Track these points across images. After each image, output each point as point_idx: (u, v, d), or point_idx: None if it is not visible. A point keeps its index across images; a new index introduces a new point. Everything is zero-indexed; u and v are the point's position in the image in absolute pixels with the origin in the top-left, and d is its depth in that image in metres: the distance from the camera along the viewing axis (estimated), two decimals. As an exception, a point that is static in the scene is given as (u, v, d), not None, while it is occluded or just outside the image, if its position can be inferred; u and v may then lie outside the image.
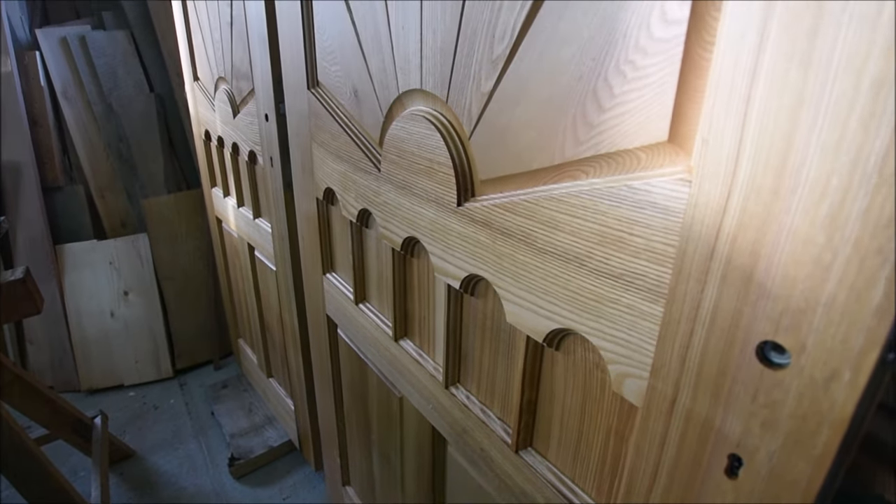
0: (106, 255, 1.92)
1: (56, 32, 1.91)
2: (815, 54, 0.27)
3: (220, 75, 1.29)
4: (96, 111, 1.94)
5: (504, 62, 0.47)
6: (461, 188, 0.56)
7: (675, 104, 0.35)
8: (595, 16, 0.38)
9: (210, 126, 1.44)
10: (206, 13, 1.26)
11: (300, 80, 0.86)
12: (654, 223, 0.37)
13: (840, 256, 0.28)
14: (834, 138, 0.27)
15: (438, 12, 0.53)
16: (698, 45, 0.33)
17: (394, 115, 0.65)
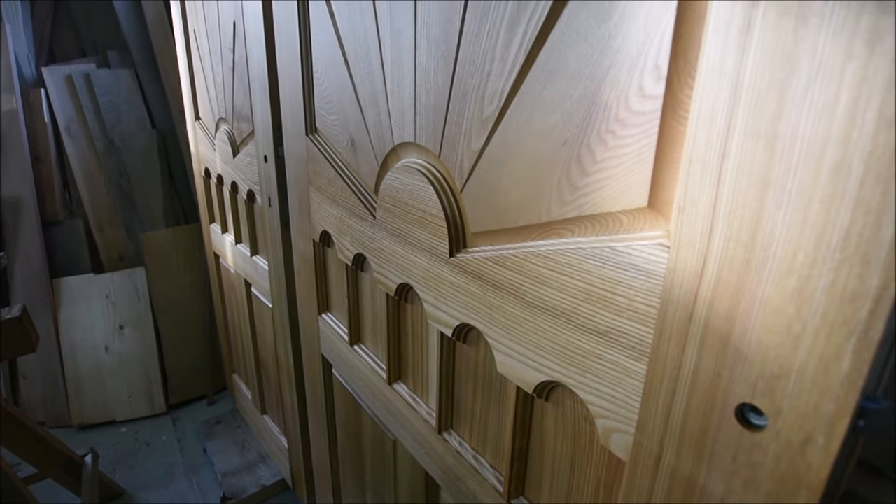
0: (103, 288, 1.92)
1: (62, 71, 1.95)
2: (778, 139, 0.29)
3: (221, 116, 1.32)
4: (98, 146, 1.97)
5: (493, 123, 0.49)
6: (453, 239, 0.57)
7: (654, 172, 0.37)
8: (577, 87, 0.40)
9: (210, 164, 1.47)
10: (210, 57, 1.30)
11: (299, 126, 0.89)
12: (636, 284, 0.39)
13: (809, 327, 0.30)
14: (798, 218, 0.29)
15: (431, 73, 0.56)
16: (674, 119, 0.35)
17: (389, 166, 0.67)
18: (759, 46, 0.29)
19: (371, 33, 0.65)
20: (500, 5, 0.46)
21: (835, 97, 0.27)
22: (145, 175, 1.99)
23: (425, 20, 0.55)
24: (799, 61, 0.28)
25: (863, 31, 0.25)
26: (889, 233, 0.26)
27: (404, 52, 0.60)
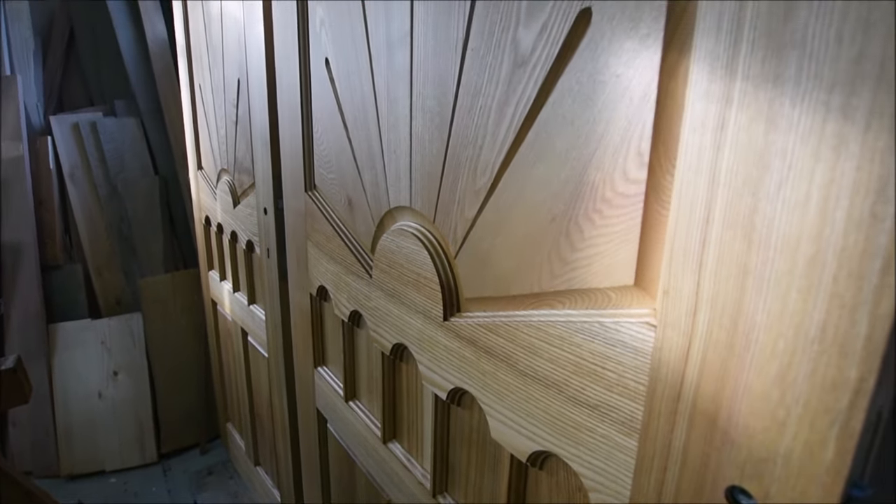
0: (99, 334, 1.91)
1: (69, 119, 2.00)
2: (755, 231, 0.30)
3: (223, 167, 1.35)
4: (101, 192, 2.00)
5: (485, 194, 0.51)
6: (447, 303, 0.58)
7: (640, 252, 0.38)
8: (565, 167, 0.42)
9: (211, 213, 1.49)
10: (214, 110, 1.34)
11: (298, 182, 0.91)
12: (625, 361, 0.39)
13: (792, 414, 0.30)
14: (778, 307, 0.30)
15: (426, 142, 0.58)
16: (657, 203, 0.37)
17: (385, 227, 0.69)
18: (733, 145, 0.31)
19: (369, 100, 0.67)
20: (491, 86, 0.48)
21: (806, 196, 0.28)
22: (146, 220, 2.01)
23: (420, 92, 0.58)
24: (771, 161, 0.29)
25: (828, 136, 0.27)
26: (863, 328, 0.27)
27: (400, 120, 0.62)
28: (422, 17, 0.55)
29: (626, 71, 0.37)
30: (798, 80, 0.28)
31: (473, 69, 0.50)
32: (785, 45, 0.28)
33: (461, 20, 0.50)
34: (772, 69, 0.29)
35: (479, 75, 0.49)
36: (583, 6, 0.39)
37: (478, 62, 0.49)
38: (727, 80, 0.30)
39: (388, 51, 0.62)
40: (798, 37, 0.27)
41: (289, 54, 0.86)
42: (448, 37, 0.52)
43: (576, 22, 0.39)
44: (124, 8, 2.02)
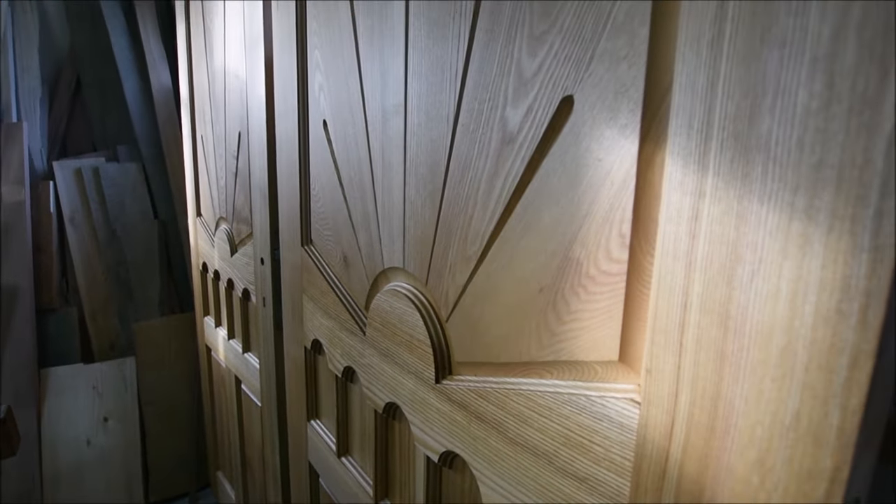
0: (90, 379, 1.89)
1: (71, 164, 2.03)
2: (730, 319, 0.32)
3: (221, 215, 1.37)
4: (100, 236, 2.01)
5: (476, 262, 0.52)
6: (439, 366, 0.59)
7: (623, 329, 0.39)
8: (551, 241, 0.44)
9: (208, 259, 1.50)
10: (214, 161, 1.37)
11: (295, 236, 0.93)
12: (611, 435, 0.40)
13: (773, 500, 0.31)
14: (754, 393, 0.31)
15: (419, 207, 0.60)
16: (639, 283, 0.38)
17: (379, 286, 0.70)
18: (707, 235, 0.32)
19: (364, 163, 0.69)
20: (481, 160, 0.50)
21: (776, 288, 0.29)
22: (144, 264, 2.02)
23: (414, 160, 0.60)
24: (743, 253, 0.31)
25: (794, 235, 0.28)
26: (835, 420, 0.28)
27: (395, 185, 0.64)
28: (415, 90, 0.58)
29: (607, 156, 0.38)
30: (764, 180, 0.29)
31: (464, 142, 0.52)
32: (751, 147, 0.30)
33: (452, 97, 0.53)
34: (740, 168, 0.30)
35: (469, 149, 0.51)
36: (565, 94, 0.41)
37: (468, 136, 0.51)
38: (700, 175, 0.32)
39: (383, 118, 0.64)
40: (763, 141, 0.29)
41: (288, 113, 0.89)
42: (440, 111, 0.54)
43: (559, 107, 0.42)
44: (131, 58, 2.09)
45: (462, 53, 0.51)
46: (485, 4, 0.48)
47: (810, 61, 0.27)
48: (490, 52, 0.48)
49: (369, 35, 0.66)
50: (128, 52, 2.09)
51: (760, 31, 0.29)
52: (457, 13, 0.51)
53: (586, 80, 0.39)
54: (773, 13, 0.28)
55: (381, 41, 0.63)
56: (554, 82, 0.42)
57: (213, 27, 1.29)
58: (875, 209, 0.25)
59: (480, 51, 0.49)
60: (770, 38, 0.28)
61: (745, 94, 0.30)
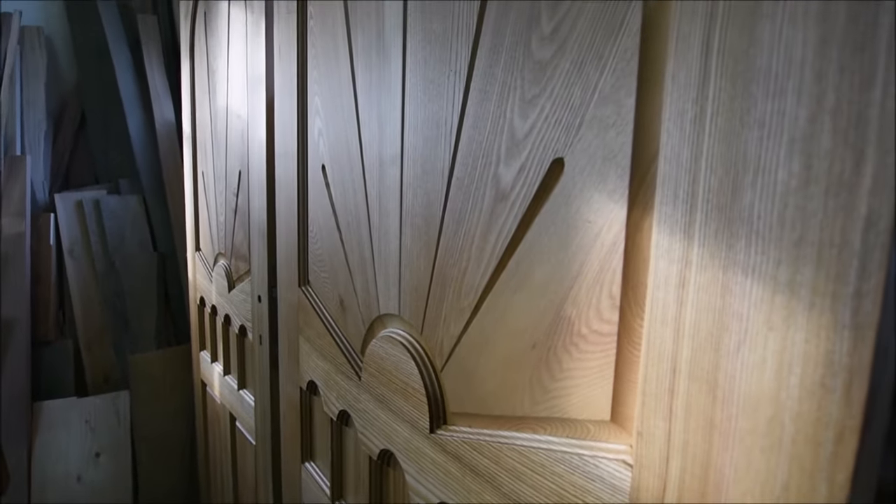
0: (83, 413, 1.87)
1: (73, 197, 2.05)
2: (719, 388, 0.32)
3: (220, 251, 1.38)
4: (98, 268, 2.02)
5: (470, 314, 0.52)
6: (434, 415, 0.59)
7: (615, 390, 0.39)
8: (543, 299, 0.44)
9: (206, 294, 1.50)
10: (214, 197, 1.38)
11: (292, 275, 0.93)
12: (604, 497, 0.40)
13: (765, 573, 0.30)
14: (743, 463, 0.31)
15: (414, 256, 0.60)
16: (629, 344, 0.38)
17: (375, 332, 0.70)
18: (694, 303, 0.33)
19: (362, 209, 0.70)
20: (474, 214, 0.51)
21: (762, 358, 0.30)
22: (142, 296, 2.02)
23: (409, 209, 0.61)
24: (729, 322, 0.31)
25: (778, 307, 0.29)
26: (823, 493, 0.28)
27: (391, 232, 0.65)
28: (411, 142, 0.59)
29: (596, 219, 0.39)
30: (748, 252, 0.30)
31: (459, 196, 0.53)
32: (734, 219, 0.31)
33: (447, 151, 0.54)
34: (724, 239, 0.31)
35: (463, 203, 0.52)
36: (556, 156, 0.42)
37: (462, 191, 0.52)
38: (686, 244, 0.33)
39: (380, 167, 0.66)
40: (745, 214, 0.30)
41: (288, 155, 0.91)
42: (435, 165, 0.56)
43: (550, 168, 0.43)
44: (135, 92, 2.12)
45: (457, 110, 0.52)
46: (478, 66, 0.49)
47: (788, 142, 0.28)
48: (484, 111, 0.49)
49: (367, 86, 0.67)
50: (132, 87, 2.13)
51: (740, 112, 0.30)
52: (451, 72, 0.53)
53: (576, 145, 0.40)
54: (751, 96, 0.29)
55: (379, 93, 0.65)
56: (545, 144, 0.43)
57: (216, 67, 1.32)
58: (854, 289, 0.26)
59: (474, 109, 0.50)
60: (749, 120, 0.30)
61: (727, 169, 0.31)
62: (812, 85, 0.27)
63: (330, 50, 0.76)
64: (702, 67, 0.32)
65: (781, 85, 0.28)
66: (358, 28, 0.69)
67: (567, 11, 0.40)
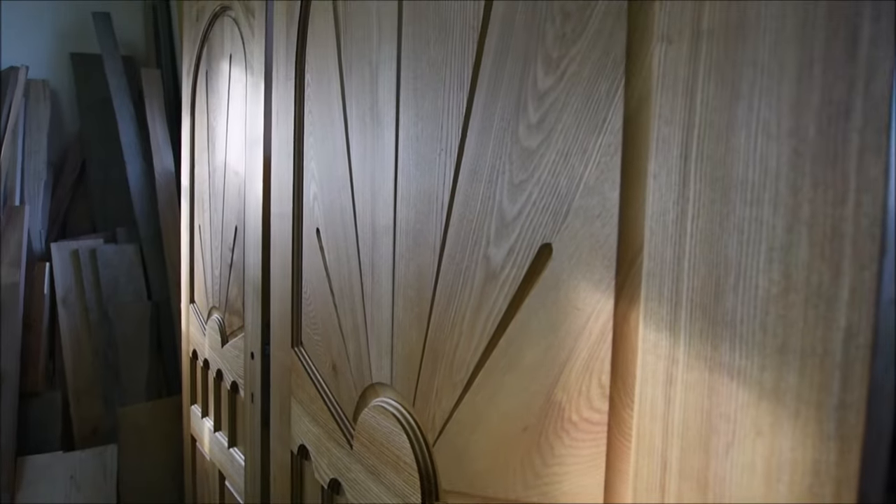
0: (69, 468, 1.82)
1: (69, 246, 2.05)
2: (710, 489, 0.31)
3: (214, 304, 1.37)
4: (91, 318, 2.00)
5: (462, 390, 0.52)
6: (426, 492, 0.57)
7: (607, 480, 0.39)
8: (534, 382, 0.44)
9: (199, 347, 1.49)
10: (210, 251, 1.39)
11: (286, 335, 0.93)
12: None
13: None
14: (737, 571, 0.30)
15: (406, 327, 0.60)
16: (620, 435, 0.38)
17: (367, 400, 0.69)
18: (682, 402, 0.33)
19: (355, 276, 0.71)
20: (465, 291, 0.51)
21: (752, 462, 0.30)
22: (134, 346, 1.99)
23: (402, 280, 0.61)
24: (718, 423, 0.31)
25: (765, 412, 0.29)
26: None
27: (384, 301, 0.65)
28: (404, 214, 0.60)
29: (585, 307, 0.40)
30: (732, 355, 0.30)
31: (450, 272, 0.53)
32: (718, 322, 0.31)
33: (439, 227, 0.55)
34: (709, 340, 0.31)
35: (455, 278, 0.53)
36: (544, 241, 0.43)
37: (454, 266, 0.53)
38: (672, 341, 0.33)
39: (373, 236, 0.66)
40: (729, 318, 0.30)
41: (284, 216, 0.92)
42: (427, 238, 0.56)
43: (539, 252, 0.43)
44: (136, 143, 2.16)
45: (447, 188, 0.53)
46: (468, 146, 0.51)
47: (767, 250, 0.29)
48: (474, 191, 0.50)
49: (362, 156, 0.69)
50: (133, 138, 2.16)
51: (720, 217, 0.31)
52: (442, 150, 0.54)
53: (564, 232, 0.41)
54: (730, 202, 0.30)
55: (373, 163, 0.66)
56: (533, 228, 0.44)
57: (216, 124, 1.35)
58: (838, 400, 0.26)
59: (465, 188, 0.51)
60: (728, 225, 0.30)
61: (709, 270, 0.31)
62: (787, 197, 0.28)
63: (326, 117, 0.78)
64: (681, 170, 0.33)
65: (758, 195, 0.29)
66: (353, 99, 0.71)
67: (552, 104, 0.42)
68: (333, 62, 0.75)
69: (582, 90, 0.39)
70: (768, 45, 0.28)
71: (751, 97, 0.29)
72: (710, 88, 0.31)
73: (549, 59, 0.42)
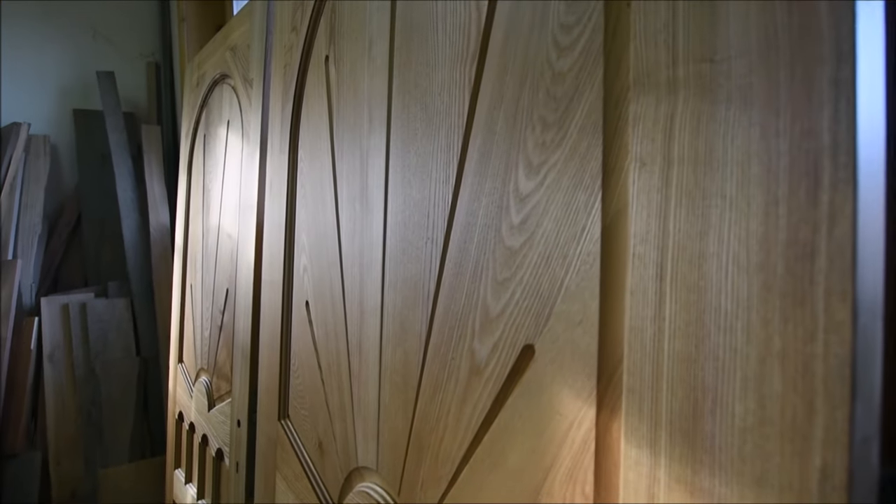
0: (45, 534, 1.75)
1: (59, 300, 2.04)
2: None
3: (202, 366, 1.35)
4: (77, 374, 1.97)
5: (447, 485, 0.51)
6: (409, 590, 0.55)
7: None
8: (519, 483, 0.43)
9: (185, 409, 1.46)
10: (201, 312, 1.38)
11: (273, 407, 0.91)
12: None
13: None
14: None
15: (392, 413, 0.60)
16: (605, 549, 0.37)
17: (353, 483, 0.68)
18: (664, 525, 0.32)
19: (343, 354, 0.70)
20: (451, 383, 0.51)
21: None
22: (119, 404, 1.95)
23: (388, 365, 0.61)
24: (700, 552, 0.30)
25: (747, 545, 0.29)
26: None
27: (370, 384, 0.64)
28: (391, 298, 0.61)
29: (567, 413, 0.39)
30: (713, 483, 0.30)
31: (436, 362, 0.53)
32: (697, 447, 0.31)
33: (425, 315, 0.55)
34: (689, 465, 0.31)
35: (440, 369, 0.52)
36: (527, 342, 0.43)
37: (439, 357, 0.53)
38: (653, 460, 0.33)
39: (361, 316, 0.66)
40: (707, 444, 0.30)
41: (274, 285, 0.92)
42: (413, 326, 0.56)
43: (522, 352, 0.43)
44: (133, 198, 2.18)
45: (433, 278, 0.54)
46: (453, 240, 0.51)
47: (742, 379, 0.29)
48: (459, 283, 0.50)
49: (351, 235, 0.70)
50: (130, 192, 2.18)
51: (695, 340, 0.31)
52: (429, 240, 0.55)
53: (546, 335, 0.41)
54: (704, 326, 0.31)
55: (361, 244, 0.67)
56: (516, 328, 0.44)
57: (211, 187, 1.37)
58: (818, 542, 0.26)
59: (450, 280, 0.52)
60: (704, 349, 0.31)
61: (686, 393, 0.31)
62: (759, 328, 0.28)
63: (317, 194, 0.80)
64: (657, 289, 0.33)
65: (731, 322, 0.29)
66: (344, 180, 0.72)
67: (534, 207, 0.43)
68: (326, 143, 0.77)
69: (562, 198, 0.40)
70: (736, 179, 0.29)
71: (720, 227, 0.30)
72: (682, 214, 0.32)
73: (531, 165, 0.43)
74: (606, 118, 0.37)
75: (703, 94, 0.31)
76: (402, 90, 0.60)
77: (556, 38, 0.41)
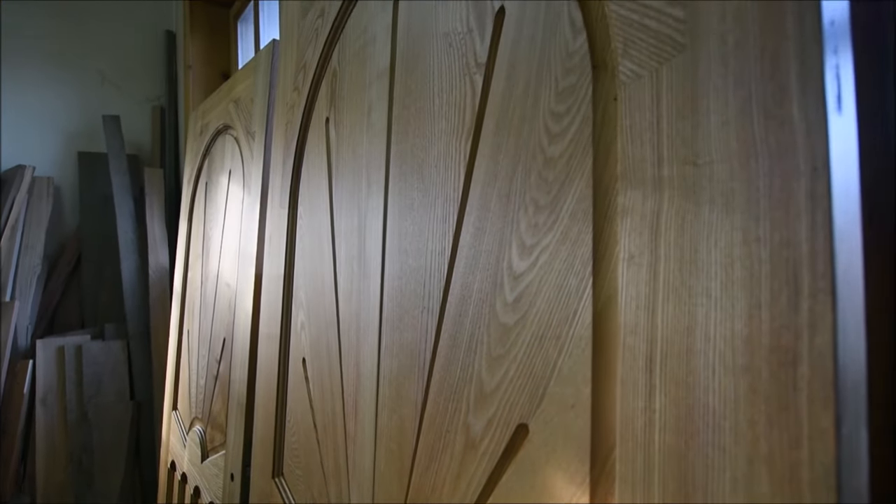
0: (29, 587, 1.69)
1: (55, 342, 2.03)
2: None
3: (196, 415, 1.34)
4: (70, 419, 1.94)
5: (441, 561, 0.50)
6: None
7: None
8: (514, 568, 0.43)
9: (178, 459, 1.43)
10: (197, 359, 1.37)
11: (267, 463, 0.90)
12: None
13: None
14: None
15: (387, 481, 0.59)
16: None
17: (345, 551, 0.66)
18: None
19: (339, 414, 0.70)
20: (446, 456, 0.51)
21: None
22: (111, 449, 1.92)
23: (384, 430, 0.60)
24: None
25: None
26: None
27: (366, 449, 0.64)
28: (387, 364, 0.61)
29: (561, 497, 0.39)
30: (706, 583, 0.30)
31: (431, 434, 0.53)
32: (690, 545, 0.31)
33: (420, 384, 0.55)
34: (682, 562, 0.31)
35: (436, 441, 0.52)
36: (521, 420, 0.43)
37: (434, 429, 0.53)
38: (646, 555, 0.33)
39: (357, 378, 0.67)
40: (699, 542, 0.30)
41: (272, 337, 0.92)
42: (409, 395, 0.57)
43: (516, 430, 0.44)
44: (133, 240, 2.19)
45: (429, 348, 0.54)
46: (448, 311, 0.52)
47: (731, 479, 0.29)
48: (454, 355, 0.51)
49: (348, 296, 0.70)
50: (131, 234, 2.20)
51: (685, 434, 0.31)
52: (425, 309, 0.55)
53: (539, 416, 0.42)
54: (693, 422, 0.31)
55: (359, 306, 0.68)
56: (511, 406, 0.44)
57: (211, 234, 1.38)
58: None
59: (445, 351, 0.52)
60: (694, 445, 0.31)
61: (678, 488, 0.32)
62: (746, 430, 0.29)
63: (316, 252, 0.81)
64: (647, 381, 0.34)
65: (720, 422, 0.30)
66: (342, 240, 0.74)
67: (527, 287, 0.44)
68: (325, 201, 0.79)
69: (554, 279, 0.41)
70: (720, 280, 0.30)
71: (706, 326, 0.31)
72: (670, 309, 0.33)
73: (524, 245, 0.44)
74: (596, 206, 0.39)
75: (686, 195, 0.32)
76: (399, 158, 0.62)
77: (548, 125, 0.43)
